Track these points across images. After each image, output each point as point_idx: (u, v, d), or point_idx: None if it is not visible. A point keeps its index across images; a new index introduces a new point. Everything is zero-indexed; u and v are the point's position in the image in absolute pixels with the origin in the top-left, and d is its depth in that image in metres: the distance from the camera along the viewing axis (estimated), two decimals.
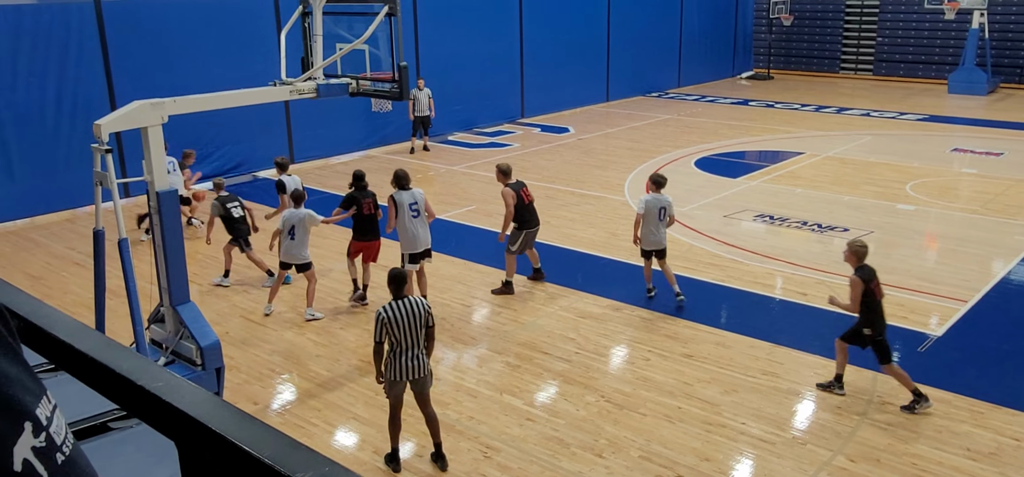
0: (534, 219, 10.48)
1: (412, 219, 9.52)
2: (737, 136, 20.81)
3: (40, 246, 13.07)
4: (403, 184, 9.55)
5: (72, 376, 1.56)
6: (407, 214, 9.49)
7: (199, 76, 14.74)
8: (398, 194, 9.51)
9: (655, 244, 9.97)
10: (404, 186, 9.55)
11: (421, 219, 9.59)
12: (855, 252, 7.71)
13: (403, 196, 9.51)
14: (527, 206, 10.34)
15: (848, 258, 7.81)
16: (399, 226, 9.55)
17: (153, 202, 7.42)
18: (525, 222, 10.33)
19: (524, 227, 10.33)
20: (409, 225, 9.51)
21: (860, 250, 7.69)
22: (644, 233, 9.94)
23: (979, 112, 23.83)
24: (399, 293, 6.67)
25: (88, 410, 1.84)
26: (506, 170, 10.42)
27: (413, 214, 9.52)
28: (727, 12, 30.98)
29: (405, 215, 9.48)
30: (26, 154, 14.23)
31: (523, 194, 10.33)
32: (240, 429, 1.18)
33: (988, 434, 7.18)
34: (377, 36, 8.85)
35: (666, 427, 7.40)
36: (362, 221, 10.06)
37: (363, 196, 10.05)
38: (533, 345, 9.11)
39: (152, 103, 7.26)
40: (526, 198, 10.35)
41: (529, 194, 10.46)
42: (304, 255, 9.89)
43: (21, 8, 13.93)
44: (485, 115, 22.14)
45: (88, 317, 8.59)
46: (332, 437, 7.50)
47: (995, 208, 14.01)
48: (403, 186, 9.54)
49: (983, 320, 9.61)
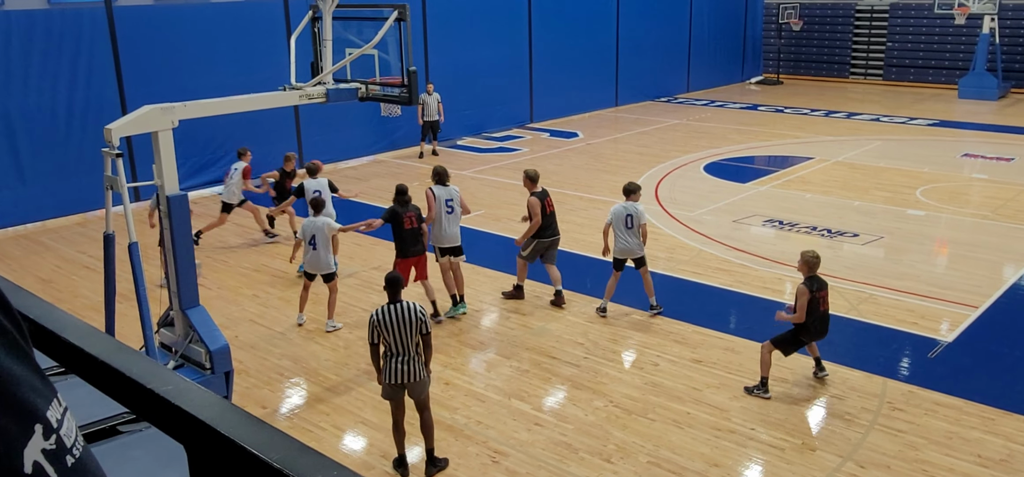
0: (552, 229, 10.32)
1: (446, 215, 9.91)
2: (746, 141, 20.77)
3: (51, 249, 13.15)
4: (442, 180, 9.99)
5: (82, 379, 1.56)
6: (442, 209, 9.88)
7: (209, 81, 14.82)
8: (437, 188, 9.91)
9: (624, 252, 9.79)
10: (442, 182, 9.98)
11: (455, 216, 9.98)
12: (807, 262, 7.97)
13: (440, 192, 9.90)
14: (548, 215, 10.20)
15: (800, 267, 8.05)
16: (433, 220, 9.88)
17: (163, 206, 7.45)
18: (542, 230, 10.21)
19: (539, 235, 10.23)
20: (443, 220, 9.90)
21: (812, 260, 7.95)
22: (614, 242, 9.83)
23: (989, 117, 23.71)
24: (394, 297, 6.69)
25: (98, 413, 1.84)
26: (534, 177, 10.33)
27: (448, 210, 9.91)
28: (736, 17, 30.94)
29: (441, 210, 9.86)
30: (37, 158, 14.32)
31: (546, 203, 10.26)
32: (249, 433, 1.19)
33: (999, 441, 7.13)
34: (386, 41, 8.87)
35: (675, 432, 7.38)
36: (403, 237, 9.57)
37: (404, 210, 9.57)
38: (542, 350, 9.10)
39: (162, 108, 7.29)
40: (548, 208, 10.26)
41: (551, 204, 10.37)
42: (329, 263, 9.73)
43: (33, 13, 14.03)
44: (494, 120, 22.16)
45: (98, 320, 8.63)
46: (340, 441, 7.51)
47: (1006, 214, 13.93)
48: (442, 182, 9.98)
49: (994, 326, 9.56)
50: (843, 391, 8.07)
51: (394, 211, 9.57)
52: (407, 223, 9.52)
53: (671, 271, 11.46)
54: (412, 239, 9.56)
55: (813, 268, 7.94)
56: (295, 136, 17.69)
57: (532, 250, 10.31)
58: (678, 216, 13.98)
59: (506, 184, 16.48)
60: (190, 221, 7.67)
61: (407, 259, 9.57)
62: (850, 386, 8.16)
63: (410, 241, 9.56)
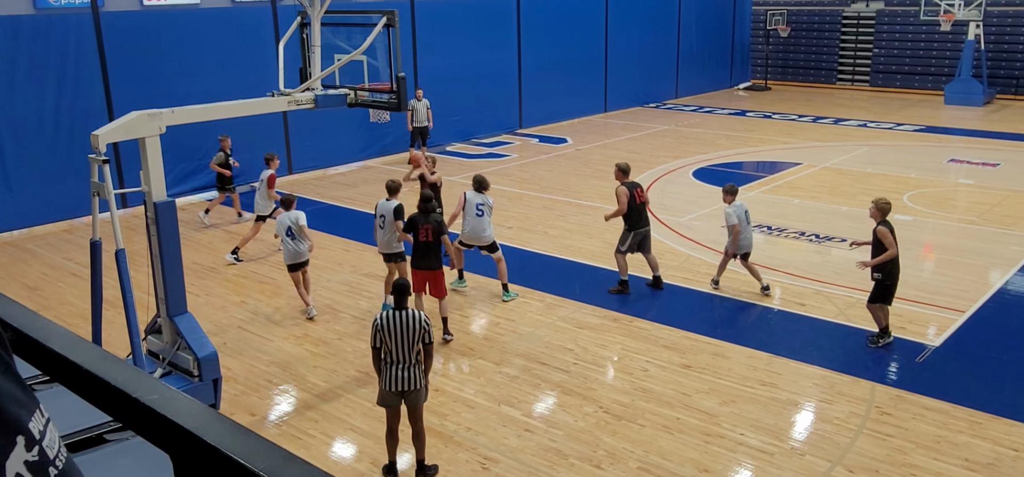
0: (644, 220, 10.74)
1: (476, 216, 10.52)
2: (735, 147, 20.85)
3: (37, 257, 13.06)
4: (479, 188, 10.62)
5: (67, 388, 1.55)
6: (473, 211, 10.53)
7: (197, 87, 14.77)
8: (471, 193, 10.58)
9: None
10: (479, 189, 10.61)
11: (485, 219, 10.53)
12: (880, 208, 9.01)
13: (474, 196, 10.55)
14: (638, 206, 10.62)
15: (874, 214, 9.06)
16: (463, 219, 10.57)
17: (150, 213, 7.41)
18: (634, 223, 10.61)
19: (633, 228, 10.63)
20: (472, 220, 10.53)
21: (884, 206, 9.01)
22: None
23: (975, 123, 23.90)
24: (400, 303, 6.67)
25: (83, 422, 1.83)
26: (625, 169, 10.80)
27: (478, 213, 10.52)
28: (724, 23, 31.08)
29: (471, 211, 10.53)
30: (23, 164, 14.21)
31: (636, 193, 10.65)
32: (235, 442, 1.18)
33: (986, 444, 7.17)
34: (375, 47, 8.86)
35: (664, 438, 7.39)
36: (417, 247, 9.50)
37: (424, 220, 9.46)
38: (531, 356, 9.09)
39: (150, 113, 7.26)
40: (638, 198, 10.66)
41: (642, 195, 10.76)
42: (305, 251, 10.18)
43: (19, 18, 13.95)
44: (483, 126, 22.17)
45: (85, 328, 8.58)
46: (329, 449, 7.47)
47: (992, 218, 14.03)
48: (478, 189, 10.61)
49: (981, 330, 9.61)
50: (831, 395, 8.10)
51: (413, 220, 9.54)
52: (421, 235, 9.45)
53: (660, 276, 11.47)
54: (423, 252, 9.47)
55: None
56: (284, 142, 17.64)
57: (629, 243, 10.69)
58: (667, 222, 14.01)
59: (495, 190, 16.46)
60: (177, 228, 7.63)
61: (417, 270, 9.54)
62: (838, 390, 8.19)
63: (420, 253, 9.49)
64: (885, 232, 8.86)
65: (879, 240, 8.89)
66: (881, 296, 9.01)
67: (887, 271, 8.93)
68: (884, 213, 8.95)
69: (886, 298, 9.02)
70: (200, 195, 15.73)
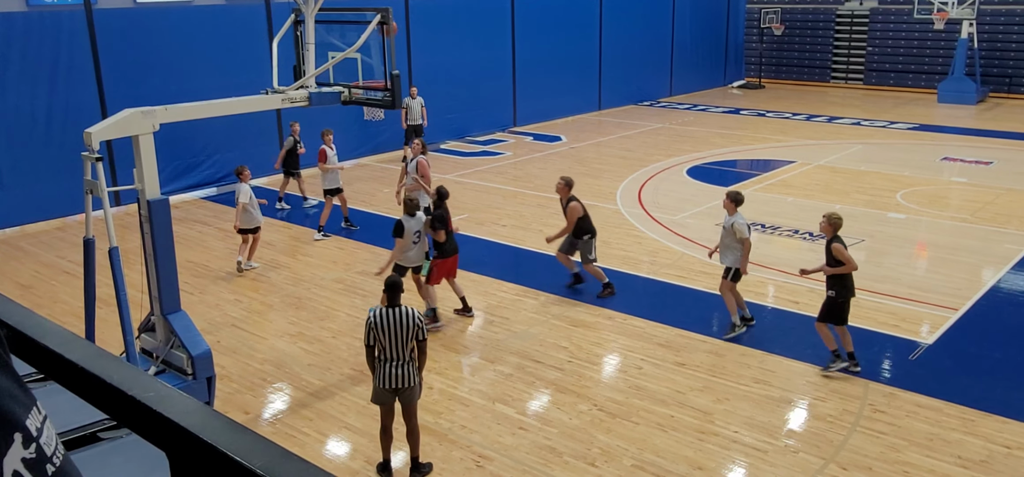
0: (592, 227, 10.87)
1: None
2: (729, 145, 20.89)
3: (30, 255, 13.01)
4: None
5: (62, 386, 1.55)
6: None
7: (191, 84, 14.73)
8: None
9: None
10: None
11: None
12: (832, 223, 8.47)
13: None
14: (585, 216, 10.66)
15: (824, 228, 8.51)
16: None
17: (144, 211, 7.39)
18: (592, 229, 10.67)
19: (593, 234, 10.68)
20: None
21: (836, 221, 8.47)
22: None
23: (969, 121, 23.98)
24: (393, 301, 6.66)
25: (78, 420, 1.83)
26: (571, 183, 10.83)
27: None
28: (718, 21, 31.11)
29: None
30: (16, 162, 14.16)
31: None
32: (231, 439, 1.18)
33: (979, 442, 7.20)
34: (369, 45, 8.85)
35: (659, 436, 7.40)
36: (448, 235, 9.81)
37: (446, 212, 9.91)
38: (526, 354, 9.10)
39: (143, 111, 7.23)
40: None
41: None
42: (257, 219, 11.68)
43: (12, 15, 13.89)
44: (477, 124, 22.16)
45: (78, 326, 8.55)
46: (324, 446, 7.47)
47: (985, 216, 14.08)
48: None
49: (974, 328, 9.65)
50: (825, 393, 8.13)
51: (442, 216, 9.77)
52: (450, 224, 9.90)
53: (654, 274, 11.51)
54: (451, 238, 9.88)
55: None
56: (277, 140, 17.59)
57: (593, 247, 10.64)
58: (661, 220, 14.03)
59: (489, 188, 16.49)
60: (171, 225, 7.61)
61: (445, 259, 9.82)
62: (832, 388, 8.21)
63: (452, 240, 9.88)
64: (841, 248, 8.26)
65: (835, 258, 8.30)
66: (831, 315, 8.38)
67: (841, 287, 8.32)
68: (836, 228, 8.36)
69: (838, 318, 8.37)
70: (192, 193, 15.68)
